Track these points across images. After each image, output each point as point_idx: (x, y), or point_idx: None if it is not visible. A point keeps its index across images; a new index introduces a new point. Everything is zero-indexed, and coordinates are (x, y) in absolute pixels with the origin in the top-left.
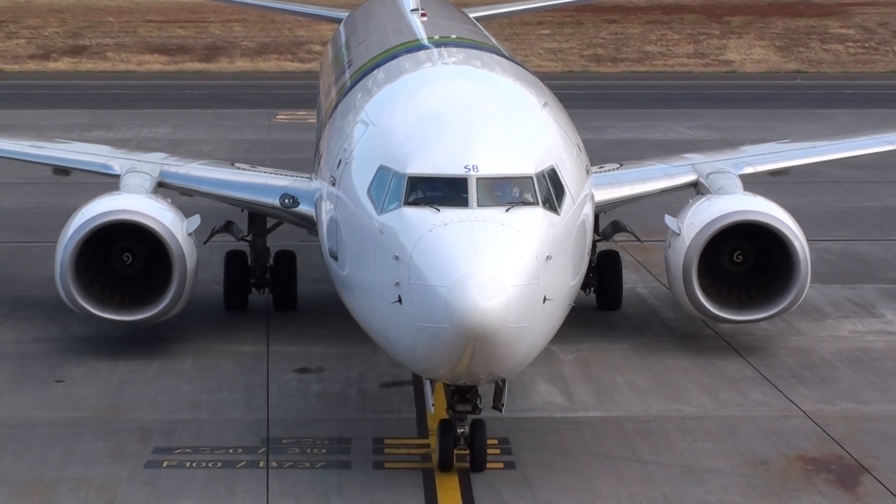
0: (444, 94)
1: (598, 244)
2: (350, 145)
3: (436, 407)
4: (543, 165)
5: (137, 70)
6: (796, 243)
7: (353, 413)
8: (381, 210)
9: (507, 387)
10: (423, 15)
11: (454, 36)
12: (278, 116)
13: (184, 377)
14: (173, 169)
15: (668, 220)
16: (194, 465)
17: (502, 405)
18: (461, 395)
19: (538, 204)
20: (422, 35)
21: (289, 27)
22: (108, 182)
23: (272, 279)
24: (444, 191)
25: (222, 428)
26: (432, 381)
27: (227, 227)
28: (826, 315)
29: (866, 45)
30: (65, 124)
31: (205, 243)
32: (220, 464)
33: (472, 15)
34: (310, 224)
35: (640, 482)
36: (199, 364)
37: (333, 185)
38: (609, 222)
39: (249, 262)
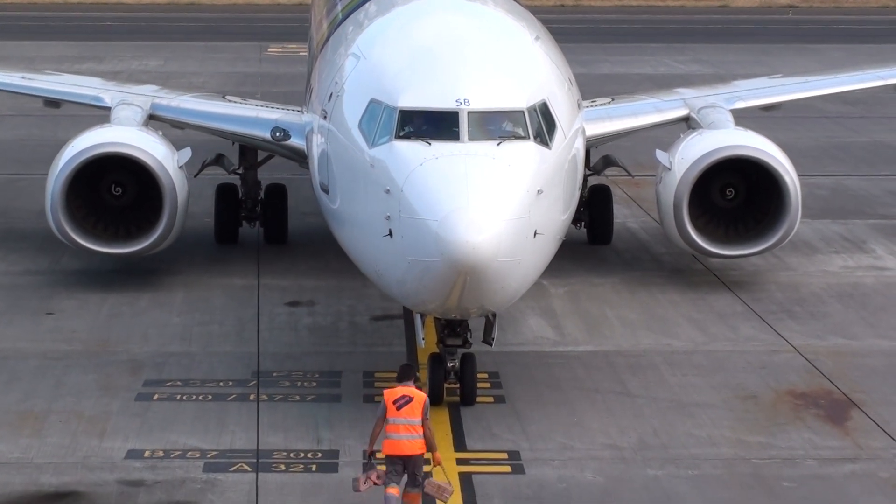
0: (435, 28)
1: (589, 179)
2: (341, 79)
3: (426, 341)
4: (535, 99)
5: (128, 2)
6: (787, 178)
7: (344, 346)
8: (373, 143)
9: (497, 321)
10: None
11: None
12: (269, 49)
13: (174, 310)
14: (164, 102)
15: (660, 154)
16: (185, 397)
17: (492, 339)
18: (451, 328)
19: (529, 138)
20: None
21: None
22: (99, 114)
23: (263, 212)
24: (436, 124)
25: (213, 361)
26: (423, 315)
27: (218, 160)
28: (816, 250)
29: None
30: (55, 56)
31: (196, 176)
32: (210, 396)
33: None
34: (301, 157)
35: (630, 416)
36: (189, 297)
37: (324, 118)
38: (600, 157)
39: (240, 195)
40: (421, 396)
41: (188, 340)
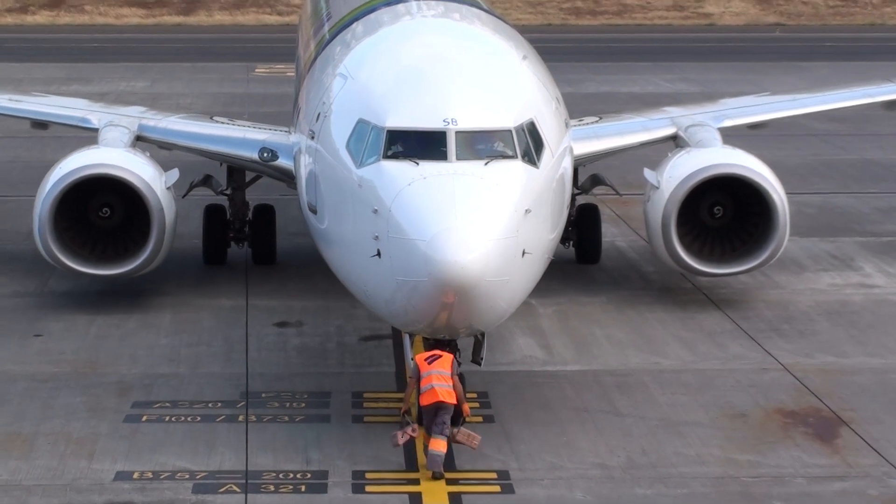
0: (422, 48)
1: (577, 198)
2: (329, 99)
3: (415, 361)
4: (522, 119)
5: (115, 23)
6: (775, 196)
7: (333, 367)
8: (360, 163)
9: (486, 340)
10: None
11: None
12: (257, 70)
13: (162, 331)
14: (151, 123)
15: (647, 173)
16: (173, 419)
17: (481, 359)
18: (440, 348)
19: (517, 157)
20: None
21: None
22: (87, 136)
23: (251, 233)
24: (423, 144)
25: (201, 382)
26: (411, 335)
27: (206, 180)
28: (805, 268)
29: None
30: (43, 78)
31: (183, 197)
32: (199, 418)
33: None
34: (289, 178)
35: (619, 435)
36: (177, 318)
37: (312, 138)
38: (588, 176)
39: (228, 215)
40: (449, 355)
41: (176, 362)
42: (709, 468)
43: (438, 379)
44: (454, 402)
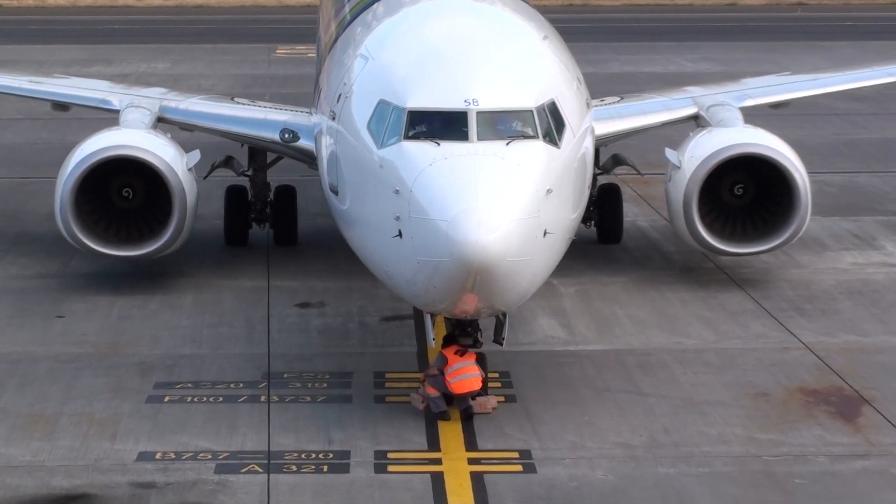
0: (443, 28)
1: (598, 178)
2: (350, 80)
3: (436, 341)
4: (544, 99)
5: (136, 5)
6: (797, 176)
7: (354, 347)
8: (382, 144)
9: (507, 320)
10: None
11: None
12: (278, 51)
13: (184, 312)
14: (173, 104)
15: (669, 153)
16: (195, 399)
17: (503, 339)
18: (462, 328)
19: (538, 137)
20: None
21: None
22: (108, 117)
23: (273, 214)
24: (445, 125)
25: (223, 363)
26: (433, 315)
27: (228, 162)
28: (826, 247)
29: None
30: (64, 60)
31: (205, 178)
32: (221, 398)
33: None
34: (310, 158)
35: (641, 415)
36: (199, 299)
37: (333, 119)
38: (609, 156)
39: (250, 196)
40: (472, 354)
41: (198, 342)
42: (731, 447)
43: (471, 369)
44: (480, 387)
